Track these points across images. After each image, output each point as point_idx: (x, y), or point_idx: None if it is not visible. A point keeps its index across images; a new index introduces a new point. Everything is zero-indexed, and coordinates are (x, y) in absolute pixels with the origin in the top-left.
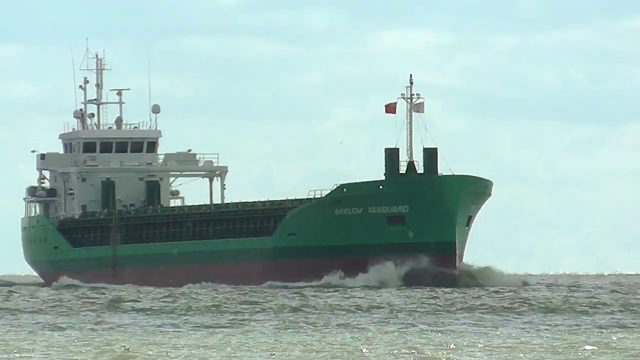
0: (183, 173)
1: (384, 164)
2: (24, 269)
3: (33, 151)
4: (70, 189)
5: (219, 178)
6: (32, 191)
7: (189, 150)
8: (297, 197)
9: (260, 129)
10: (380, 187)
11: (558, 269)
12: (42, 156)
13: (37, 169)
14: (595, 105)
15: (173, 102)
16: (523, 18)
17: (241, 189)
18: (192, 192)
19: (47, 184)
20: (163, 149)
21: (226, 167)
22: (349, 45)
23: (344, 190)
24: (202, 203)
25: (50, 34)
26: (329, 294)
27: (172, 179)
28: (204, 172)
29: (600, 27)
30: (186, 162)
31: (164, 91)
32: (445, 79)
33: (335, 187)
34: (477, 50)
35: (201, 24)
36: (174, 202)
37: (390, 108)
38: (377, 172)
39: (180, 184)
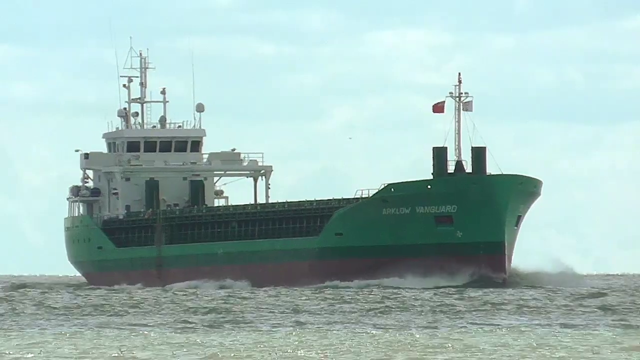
0: (227, 172)
1: (431, 163)
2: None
3: (77, 150)
4: (115, 189)
5: (263, 177)
6: (75, 191)
7: (233, 150)
8: (344, 197)
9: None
10: (429, 186)
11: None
12: (86, 156)
13: (81, 169)
14: (593, 105)
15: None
16: (520, 18)
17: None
18: (236, 191)
19: (90, 184)
20: (207, 148)
21: (271, 166)
22: (346, 45)
23: (392, 189)
24: (247, 203)
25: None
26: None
27: (216, 178)
28: (248, 172)
29: (598, 27)
30: (230, 162)
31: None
32: (443, 79)
33: (382, 186)
34: (475, 50)
35: (198, 24)
36: (218, 202)
37: (438, 107)
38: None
39: (225, 184)
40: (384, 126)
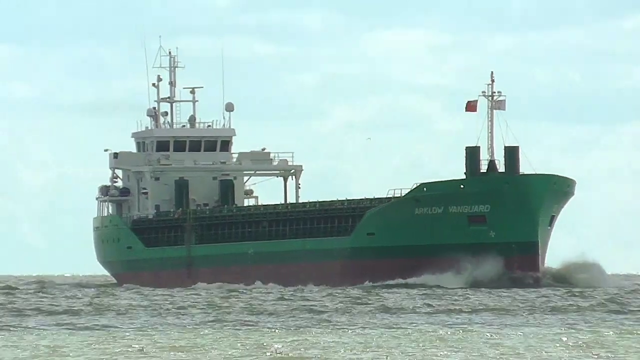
0: (257, 172)
1: (464, 162)
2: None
3: (106, 150)
4: (144, 188)
5: (293, 177)
6: (104, 190)
7: (263, 149)
8: (376, 196)
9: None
10: (461, 186)
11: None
12: (115, 155)
13: (110, 168)
14: (591, 105)
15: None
16: (517, 18)
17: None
18: (265, 191)
19: (119, 183)
20: (236, 147)
21: (301, 166)
22: (343, 45)
23: (424, 189)
24: (276, 202)
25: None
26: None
27: (245, 178)
28: (278, 171)
29: (596, 27)
30: (260, 161)
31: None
32: (441, 79)
33: (415, 186)
34: (473, 50)
35: (195, 24)
36: (248, 202)
37: (471, 106)
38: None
39: (254, 183)
40: (380, 126)
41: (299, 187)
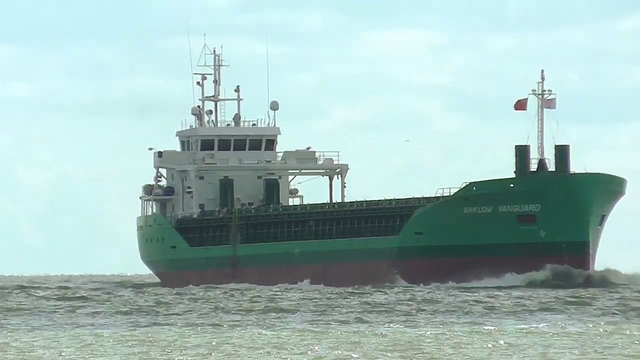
0: (302, 171)
1: (514, 161)
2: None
3: (150, 149)
4: (189, 187)
5: (339, 176)
6: (148, 190)
7: (308, 148)
8: (424, 196)
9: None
10: (511, 185)
11: None
12: (160, 154)
13: (154, 167)
14: (589, 105)
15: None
16: (516, 18)
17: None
18: (310, 190)
19: (163, 182)
20: (280, 146)
21: (347, 165)
22: (342, 45)
23: (474, 188)
24: (321, 201)
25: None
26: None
27: (290, 177)
28: (323, 170)
29: (593, 27)
30: (305, 160)
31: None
32: (439, 79)
33: (464, 185)
34: (471, 50)
35: (194, 25)
36: (292, 201)
37: (520, 104)
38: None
39: (299, 183)
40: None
41: (345, 187)
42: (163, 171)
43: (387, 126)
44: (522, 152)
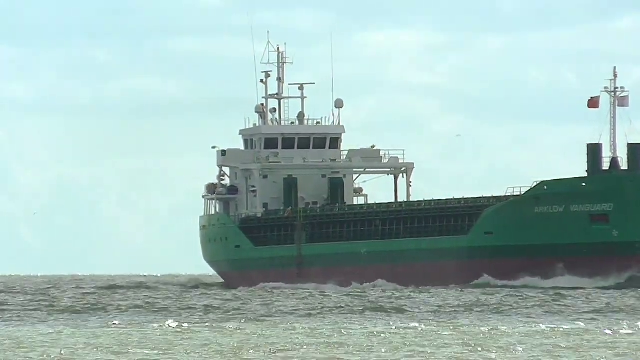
0: (367, 170)
1: (585, 160)
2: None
3: (214, 147)
4: (253, 186)
5: (404, 175)
6: (211, 189)
7: (373, 146)
8: (494, 195)
9: None
10: (583, 184)
11: None
12: (223, 153)
13: (218, 166)
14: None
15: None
16: (511, 18)
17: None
18: (374, 189)
19: (226, 181)
20: (345, 144)
21: (412, 163)
22: (337, 45)
23: (545, 187)
24: (386, 201)
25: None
26: None
27: (355, 176)
28: (389, 169)
29: (590, 27)
30: (370, 159)
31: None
32: (436, 79)
33: (535, 184)
34: (467, 50)
35: (190, 25)
36: (357, 200)
37: (593, 102)
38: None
39: (364, 181)
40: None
41: (410, 185)
42: (226, 170)
43: (384, 126)
44: (594, 151)
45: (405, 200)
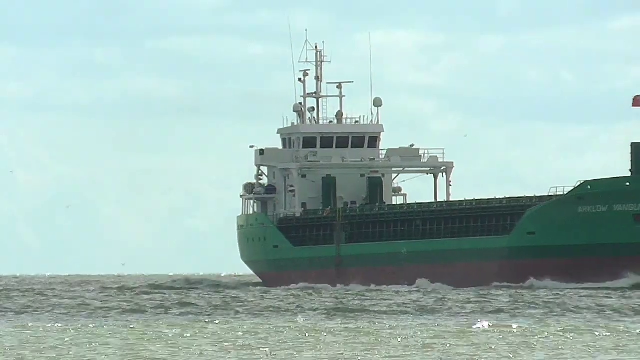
0: (406, 169)
1: (629, 159)
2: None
3: (252, 146)
4: (291, 186)
5: (444, 174)
6: (249, 188)
7: (412, 145)
8: (537, 194)
9: None
10: (627, 183)
11: None
12: (261, 152)
13: (256, 165)
14: (585, 105)
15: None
16: (509, 18)
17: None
18: (413, 188)
19: (264, 181)
20: (383, 144)
21: (452, 162)
22: (335, 45)
23: (588, 187)
24: (424, 200)
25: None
26: None
27: (393, 175)
28: (428, 168)
29: (588, 27)
30: (409, 158)
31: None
32: (434, 79)
33: (578, 183)
34: (465, 50)
35: (187, 24)
36: (396, 200)
37: (637, 101)
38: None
39: (404, 181)
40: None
41: (450, 185)
42: (264, 169)
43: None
44: (637, 150)
45: (445, 199)
